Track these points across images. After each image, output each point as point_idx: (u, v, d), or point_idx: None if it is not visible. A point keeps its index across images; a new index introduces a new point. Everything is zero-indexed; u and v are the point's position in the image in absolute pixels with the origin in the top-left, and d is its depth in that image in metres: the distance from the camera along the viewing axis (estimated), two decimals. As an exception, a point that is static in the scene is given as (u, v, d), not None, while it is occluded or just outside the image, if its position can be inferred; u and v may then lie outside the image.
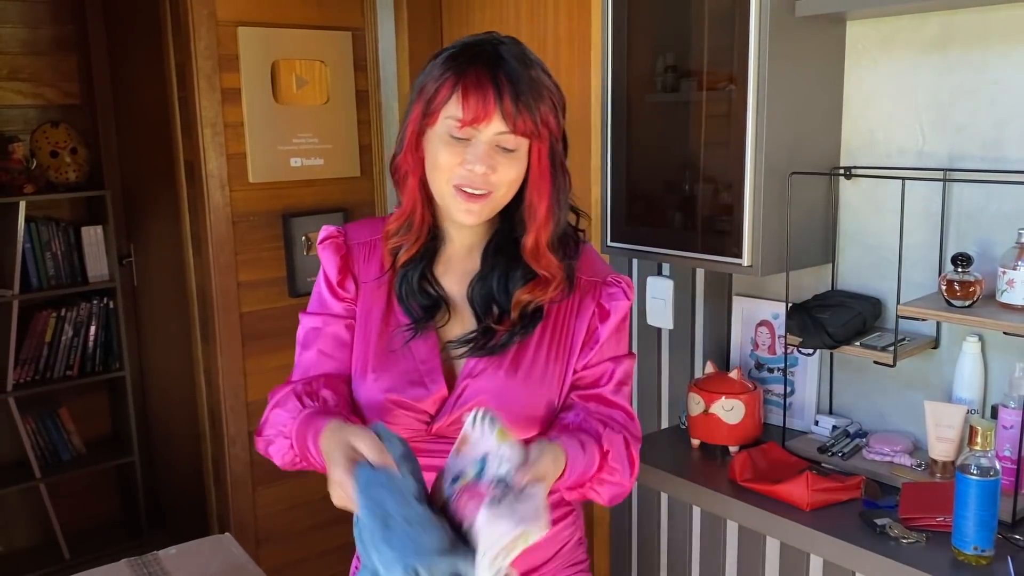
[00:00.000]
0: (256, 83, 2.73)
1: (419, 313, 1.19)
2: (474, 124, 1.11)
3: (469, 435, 1.01)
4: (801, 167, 1.61)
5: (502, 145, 1.12)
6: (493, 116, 1.10)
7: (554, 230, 1.18)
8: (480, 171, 1.12)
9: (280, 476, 2.95)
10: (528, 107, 1.12)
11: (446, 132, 1.13)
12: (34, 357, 3.31)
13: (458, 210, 1.15)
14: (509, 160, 1.13)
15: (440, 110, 1.13)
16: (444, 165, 1.13)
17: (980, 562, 1.29)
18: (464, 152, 1.12)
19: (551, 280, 1.18)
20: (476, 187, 1.13)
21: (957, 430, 1.50)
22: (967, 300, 1.42)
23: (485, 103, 1.10)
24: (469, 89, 1.10)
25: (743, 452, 1.65)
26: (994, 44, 1.47)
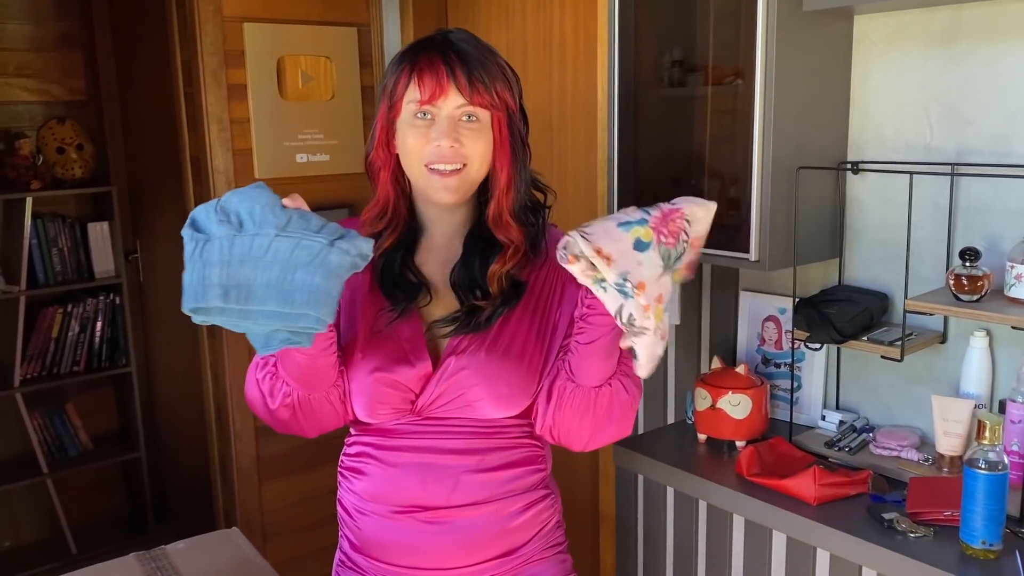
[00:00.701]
0: (262, 79, 2.73)
1: (400, 298, 1.23)
2: (432, 101, 1.16)
3: None
4: (808, 162, 1.60)
5: (464, 118, 1.18)
6: (448, 90, 1.16)
7: (515, 198, 1.22)
8: (446, 144, 1.16)
9: (287, 471, 2.96)
10: (482, 80, 1.18)
11: (410, 116, 1.19)
12: (41, 353, 3.32)
13: (435, 189, 1.19)
14: (473, 132, 1.18)
15: (401, 98, 1.19)
16: (413, 147, 1.18)
17: (988, 556, 1.29)
18: (429, 131, 1.17)
19: (515, 247, 1.22)
20: (447, 161, 1.17)
21: (964, 425, 1.50)
22: (975, 294, 1.42)
23: (439, 79, 1.16)
24: (423, 71, 1.17)
25: (750, 447, 1.65)
26: (1003, 38, 1.47)
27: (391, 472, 1.25)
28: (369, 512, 1.28)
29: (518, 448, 1.26)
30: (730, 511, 1.69)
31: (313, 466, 3.01)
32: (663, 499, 2.15)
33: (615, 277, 0.98)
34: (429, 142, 1.17)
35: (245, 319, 1.02)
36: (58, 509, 3.38)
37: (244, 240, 1.01)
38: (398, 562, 1.27)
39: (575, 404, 1.18)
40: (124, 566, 1.77)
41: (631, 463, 1.79)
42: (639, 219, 1.01)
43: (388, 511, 1.25)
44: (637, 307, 0.99)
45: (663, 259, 1.01)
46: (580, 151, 2.42)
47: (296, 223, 1.01)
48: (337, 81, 2.88)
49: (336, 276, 1.01)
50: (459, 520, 1.23)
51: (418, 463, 1.23)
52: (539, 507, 1.29)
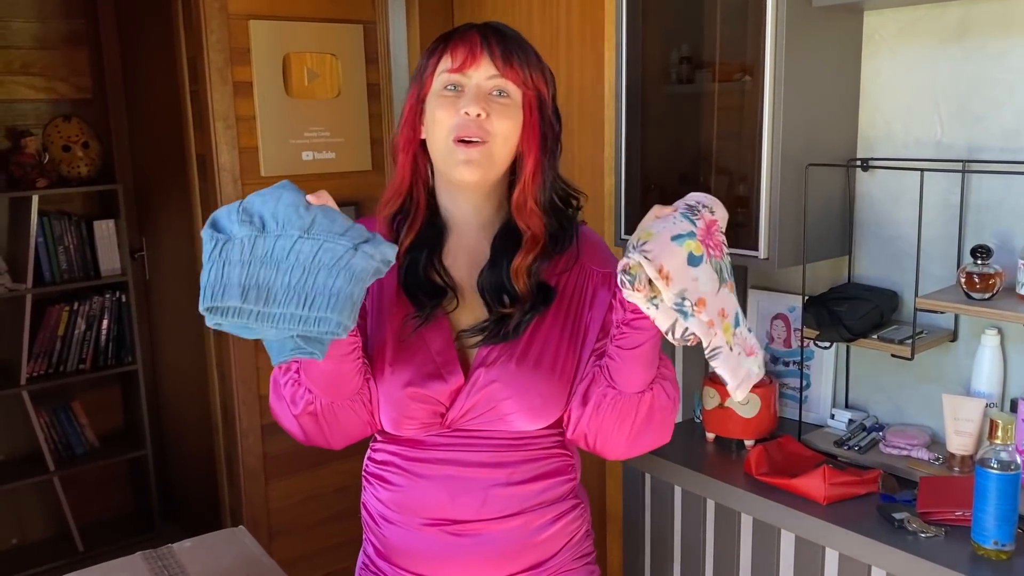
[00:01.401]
0: (268, 76, 2.72)
1: (424, 301, 1.17)
2: (462, 69, 1.14)
3: None
4: (818, 158, 1.59)
5: (495, 92, 1.14)
6: (480, 59, 1.14)
7: (542, 186, 1.18)
8: (474, 112, 1.12)
9: (293, 469, 2.96)
10: (516, 57, 1.15)
11: (441, 87, 1.15)
12: (47, 351, 3.32)
13: (456, 163, 1.13)
14: (503, 107, 1.14)
15: (433, 72, 1.16)
16: (441, 118, 1.14)
17: (1000, 556, 1.28)
18: (458, 102, 1.14)
19: (534, 238, 1.16)
20: (472, 134, 1.12)
21: (976, 424, 1.49)
22: (986, 292, 1.41)
23: (472, 48, 1.14)
24: (457, 42, 1.15)
25: (759, 446, 1.64)
26: (1015, 33, 1.45)
27: (419, 484, 1.21)
28: (396, 521, 1.24)
29: (548, 459, 1.22)
30: (738, 510, 1.68)
31: (319, 464, 3.01)
32: (671, 498, 2.14)
33: (673, 297, 0.93)
34: (457, 112, 1.13)
35: (263, 322, 0.99)
36: (64, 507, 3.38)
37: (266, 241, 0.98)
38: (424, 571, 1.23)
39: (615, 411, 1.12)
40: (131, 565, 1.76)
41: (639, 462, 1.78)
42: (688, 232, 0.96)
43: (416, 523, 1.22)
44: (700, 325, 0.94)
45: (716, 272, 0.97)
46: (587, 148, 2.41)
47: (320, 224, 0.99)
48: (343, 78, 2.87)
49: (359, 280, 0.98)
50: (488, 533, 1.20)
51: (446, 476, 1.19)
52: (568, 517, 1.25)
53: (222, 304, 0.97)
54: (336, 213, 1.01)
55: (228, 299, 0.97)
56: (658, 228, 0.97)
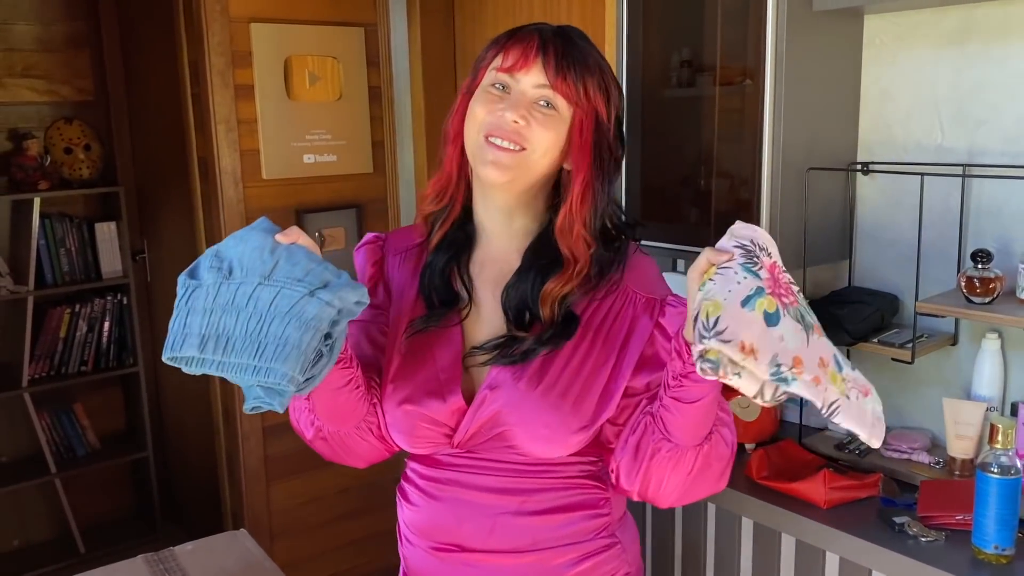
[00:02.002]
0: (269, 79, 2.72)
1: (436, 306, 1.12)
2: (512, 71, 1.08)
3: None
4: (818, 162, 1.60)
5: (541, 102, 1.08)
6: (532, 65, 1.08)
7: (592, 211, 1.09)
8: (510, 118, 1.06)
9: (294, 471, 2.96)
10: (572, 70, 1.08)
11: (488, 84, 1.10)
12: (49, 353, 3.33)
13: (484, 161, 1.07)
14: (547, 119, 1.08)
15: (487, 66, 1.11)
16: (478, 114, 1.09)
17: (1000, 561, 1.28)
18: (500, 102, 1.08)
19: (578, 267, 1.08)
20: (505, 136, 1.07)
21: (976, 428, 1.49)
22: (987, 297, 1.41)
23: (526, 52, 1.08)
24: (514, 42, 1.10)
25: (760, 450, 1.64)
26: (1015, 37, 1.45)
27: (431, 505, 1.15)
28: (413, 542, 1.20)
29: (573, 490, 1.11)
30: (739, 514, 1.68)
31: (321, 466, 3.01)
32: (671, 501, 2.14)
33: (767, 370, 0.83)
34: (494, 111, 1.07)
35: (224, 371, 0.95)
36: (66, 508, 3.38)
37: (229, 288, 0.96)
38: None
39: (672, 463, 1.03)
40: (132, 568, 1.77)
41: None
42: (756, 288, 0.85)
43: (428, 546, 1.17)
44: (806, 387, 0.84)
45: (798, 321, 0.87)
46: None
47: (281, 269, 0.95)
48: (344, 81, 2.87)
49: (312, 328, 0.93)
50: (499, 566, 1.11)
51: (455, 499, 1.12)
52: (599, 558, 1.13)
53: (180, 354, 0.96)
54: (301, 254, 0.97)
55: (187, 349, 0.96)
56: (723, 294, 0.86)
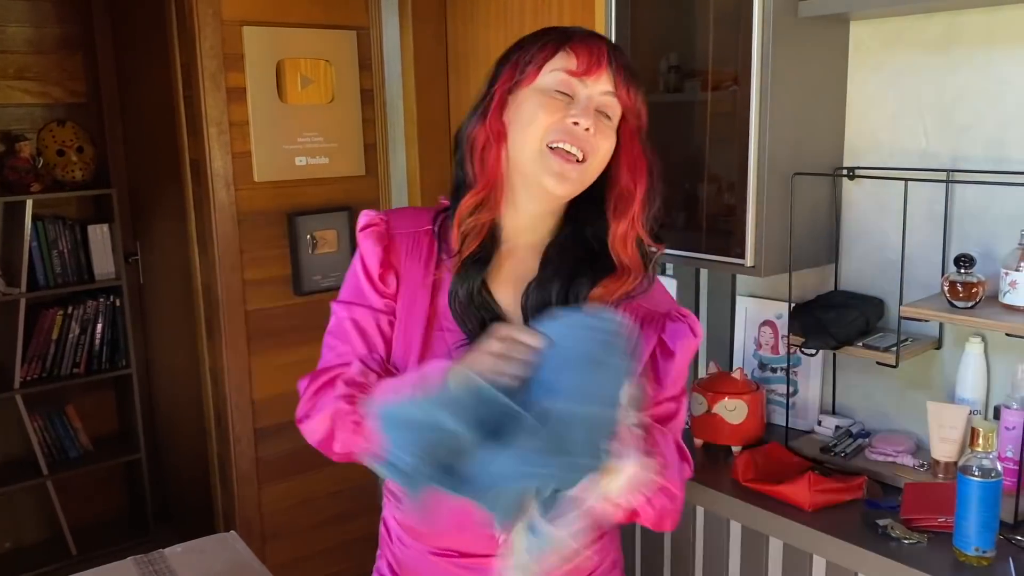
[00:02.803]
0: (261, 82, 2.73)
1: (475, 330, 1.07)
2: (587, 75, 1.04)
3: None
4: (804, 167, 1.61)
5: (603, 110, 1.06)
6: (604, 71, 1.05)
7: (647, 222, 1.08)
8: (585, 125, 1.03)
9: (286, 474, 2.96)
10: (635, 80, 1.08)
11: (550, 86, 1.05)
12: (41, 355, 3.33)
13: (551, 172, 1.04)
14: (607, 128, 1.06)
15: (543, 65, 1.06)
16: (542, 121, 1.04)
17: (981, 563, 1.29)
18: (567, 108, 1.04)
19: (629, 272, 1.08)
20: (577, 145, 1.03)
21: (959, 431, 1.50)
22: (970, 301, 1.42)
23: (599, 57, 1.05)
24: (580, 44, 1.06)
25: (746, 452, 1.65)
26: (999, 44, 1.47)
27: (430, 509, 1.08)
28: (409, 545, 1.19)
29: None
30: (727, 517, 1.69)
31: (312, 469, 3.01)
32: (660, 503, 2.15)
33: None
34: (565, 117, 1.03)
35: None
36: (58, 510, 3.39)
37: None
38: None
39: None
40: (122, 569, 1.77)
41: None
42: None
43: (426, 550, 1.17)
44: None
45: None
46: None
47: None
48: (336, 84, 2.88)
49: None
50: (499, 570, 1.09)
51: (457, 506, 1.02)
52: (594, 548, 1.16)
53: None
54: None
55: None
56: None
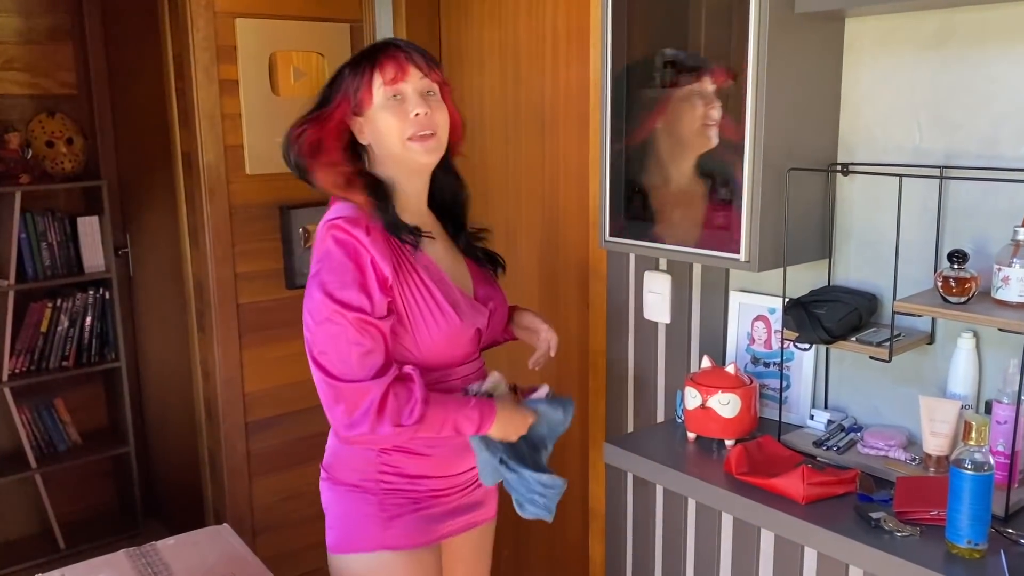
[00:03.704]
0: (254, 75, 2.72)
1: (414, 240, 1.53)
2: (397, 80, 1.48)
3: None
4: (799, 163, 1.61)
5: (425, 90, 1.51)
6: (409, 70, 1.49)
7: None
8: (423, 111, 1.48)
9: (276, 467, 2.96)
10: (433, 62, 1.53)
11: (383, 100, 1.48)
12: (30, 348, 3.32)
13: (417, 154, 1.51)
14: (436, 103, 1.53)
15: (370, 88, 1.49)
16: (395, 124, 1.48)
17: (973, 555, 1.31)
18: (405, 106, 1.48)
19: (468, 197, 1.73)
20: (424, 128, 1.49)
21: (951, 425, 1.51)
22: (963, 296, 1.43)
23: (400, 64, 1.49)
24: (385, 58, 1.49)
25: (739, 445, 1.66)
26: (993, 42, 1.48)
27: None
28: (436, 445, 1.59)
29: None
30: (719, 509, 1.70)
31: (303, 462, 3.02)
32: (653, 496, 2.16)
33: None
34: (407, 114, 1.47)
35: None
36: (46, 504, 3.38)
37: None
38: (449, 471, 1.63)
39: None
40: (115, 562, 1.77)
41: (621, 461, 1.80)
42: None
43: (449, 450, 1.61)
44: None
45: None
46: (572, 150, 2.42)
47: None
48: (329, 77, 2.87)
49: None
50: None
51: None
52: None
53: None
54: None
55: None
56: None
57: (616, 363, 2.21)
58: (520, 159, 2.56)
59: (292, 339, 2.91)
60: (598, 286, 2.22)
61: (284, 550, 2.98)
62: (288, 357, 2.92)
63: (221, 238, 2.74)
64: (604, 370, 2.25)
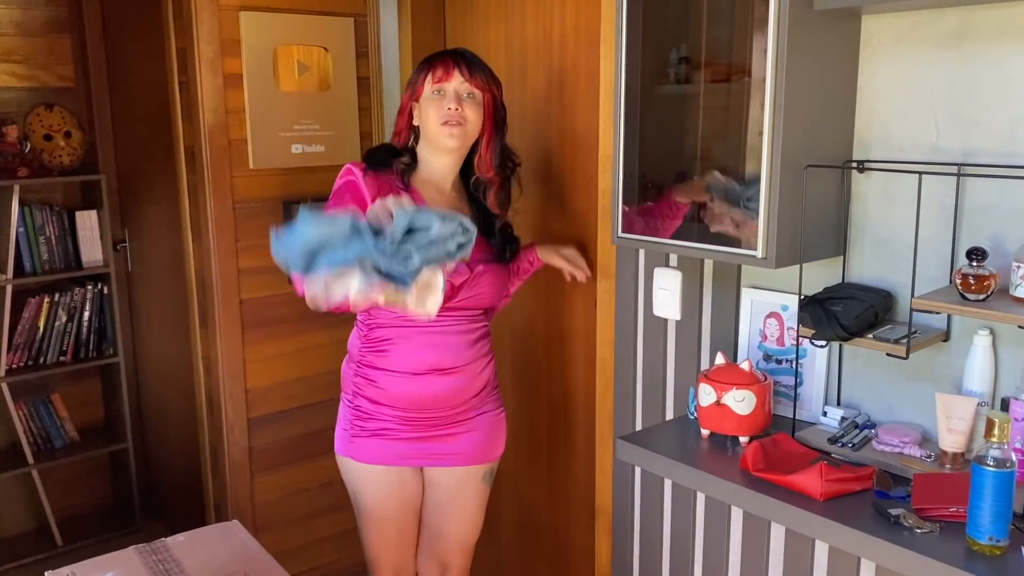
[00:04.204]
0: (258, 69, 2.71)
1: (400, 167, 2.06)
2: (442, 80, 1.97)
3: None
4: (815, 160, 1.61)
5: (465, 95, 1.97)
6: (453, 73, 1.97)
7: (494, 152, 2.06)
8: (453, 107, 1.96)
9: (278, 464, 2.95)
10: (478, 70, 2.00)
11: (429, 93, 1.99)
12: (27, 343, 3.29)
13: (444, 136, 1.97)
14: (471, 103, 1.99)
15: (423, 84, 2.00)
16: (433, 112, 1.97)
17: (995, 552, 1.31)
18: (443, 101, 1.97)
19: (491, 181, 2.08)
20: (453, 119, 1.95)
21: (968, 422, 1.52)
22: (981, 294, 1.43)
23: (447, 67, 1.98)
24: (437, 63, 1.99)
25: (755, 442, 1.66)
26: (1011, 40, 1.48)
27: (414, 346, 2.01)
28: (397, 371, 2.01)
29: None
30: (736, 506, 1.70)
31: (305, 459, 3.00)
32: (660, 491, 2.16)
33: None
34: (442, 107, 1.96)
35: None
36: (44, 500, 3.35)
37: None
38: (417, 403, 2.01)
39: None
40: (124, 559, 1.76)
41: (635, 457, 1.80)
42: None
43: (410, 373, 2.01)
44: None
45: None
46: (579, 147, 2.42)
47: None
48: (333, 72, 2.86)
49: None
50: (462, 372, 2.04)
51: (433, 341, 2.01)
52: (492, 366, 2.15)
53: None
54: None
55: None
56: None
57: (624, 360, 2.21)
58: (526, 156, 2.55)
59: (295, 335, 2.90)
60: (606, 283, 2.22)
61: (286, 547, 2.96)
62: (291, 353, 2.91)
63: (224, 233, 2.72)
64: (612, 367, 2.24)
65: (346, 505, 3.08)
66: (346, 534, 3.12)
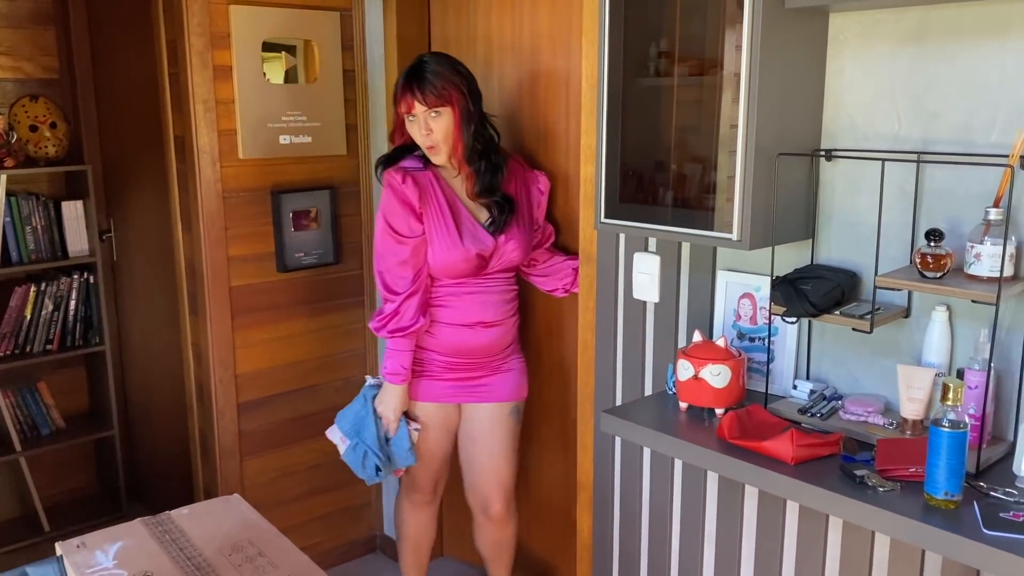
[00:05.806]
0: (247, 61, 2.77)
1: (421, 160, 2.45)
2: (409, 110, 2.31)
3: None
4: (786, 149, 1.73)
5: (429, 115, 2.29)
6: (413, 104, 2.29)
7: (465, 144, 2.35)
8: (423, 134, 2.31)
9: (267, 447, 3.02)
10: (432, 89, 2.27)
11: (406, 119, 2.34)
12: (14, 331, 3.32)
13: (429, 154, 2.36)
14: (437, 120, 2.30)
15: (399, 110, 2.33)
16: (415, 132, 2.34)
17: (949, 506, 1.43)
18: (416, 125, 2.32)
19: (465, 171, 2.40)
20: (428, 142, 2.32)
21: (926, 391, 1.64)
22: (938, 272, 1.55)
23: (407, 100, 2.30)
24: (400, 96, 2.31)
25: (730, 413, 1.77)
26: (967, 37, 1.60)
27: (464, 302, 2.46)
28: (455, 324, 2.46)
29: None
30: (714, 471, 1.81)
31: (293, 442, 3.08)
32: (639, 460, 2.27)
33: None
34: (418, 133, 2.32)
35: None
36: (31, 487, 3.39)
37: None
38: (470, 352, 2.48)
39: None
40: (132, 531, 1.83)
41: (618, 429, 1.90)
42: None
43: (461, 324, 2.46)
44: None
45: None
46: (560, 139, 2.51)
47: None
48: (320, 64, 2.93)
49: None
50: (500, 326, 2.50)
51: (480, 300, 2.45)
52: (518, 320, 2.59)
53: None
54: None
55: None
56: None
57: (604, 341, 2.32)
58: (508, 147, 2.65)
59: (283, 321, 2.97)
60: (588, 268, 2.32)
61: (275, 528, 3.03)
62: (279, 339, 2.98)
63: (214, 221, 2.78)
64: (593, 348, 2.35)
65: (333, 487, 3.17)
66: (334, 515, 3.20)
